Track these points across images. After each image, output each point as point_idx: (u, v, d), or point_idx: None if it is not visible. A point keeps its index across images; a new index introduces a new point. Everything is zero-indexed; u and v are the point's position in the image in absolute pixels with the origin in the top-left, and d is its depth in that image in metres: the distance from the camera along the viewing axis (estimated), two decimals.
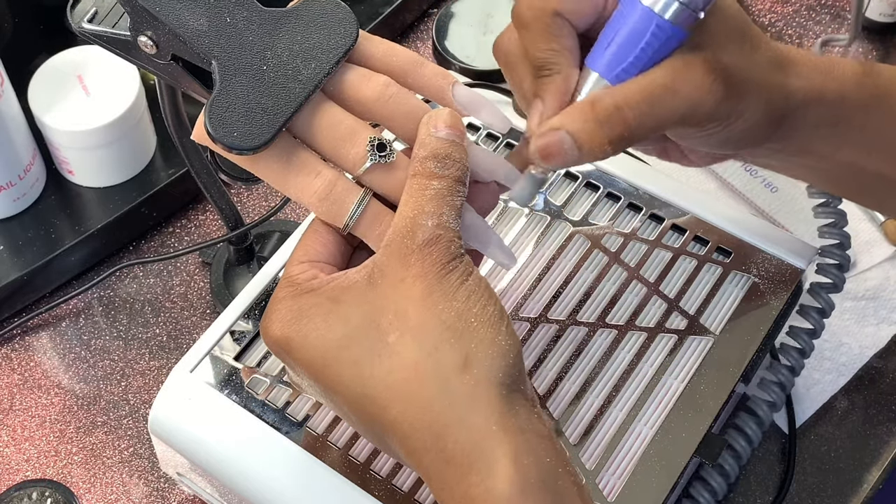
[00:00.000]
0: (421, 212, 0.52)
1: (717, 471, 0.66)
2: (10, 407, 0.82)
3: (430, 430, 0.50)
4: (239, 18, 0.55)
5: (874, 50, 1.00)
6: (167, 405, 0.67)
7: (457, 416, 0.50)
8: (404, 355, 0.51)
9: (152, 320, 0.86)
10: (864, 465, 0.78)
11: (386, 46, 0.57)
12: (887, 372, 0.82)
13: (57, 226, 0.86)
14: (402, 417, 0.51)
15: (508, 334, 0.52)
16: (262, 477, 0.64)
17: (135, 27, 0.55)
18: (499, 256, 0.57)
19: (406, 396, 0.50)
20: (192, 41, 0.54)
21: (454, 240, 0.52)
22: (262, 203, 0.91)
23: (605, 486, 0.63)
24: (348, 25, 0.56)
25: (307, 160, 0.54)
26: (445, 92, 0.57)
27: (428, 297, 0.51)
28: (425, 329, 0.51)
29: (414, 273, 0.51)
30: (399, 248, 0.52)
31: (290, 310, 0.53)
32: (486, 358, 0.50)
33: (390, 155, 0.54)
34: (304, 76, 0.54)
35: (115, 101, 0.84)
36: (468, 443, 0.50)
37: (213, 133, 0.53)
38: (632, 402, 0.66)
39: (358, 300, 0.52)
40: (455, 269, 0.52)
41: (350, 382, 0.51)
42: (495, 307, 0.52)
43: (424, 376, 0.50)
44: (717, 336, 0.69)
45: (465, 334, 0.51)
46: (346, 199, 0.54)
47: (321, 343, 0.52)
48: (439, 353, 0.50)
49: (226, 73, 0.53)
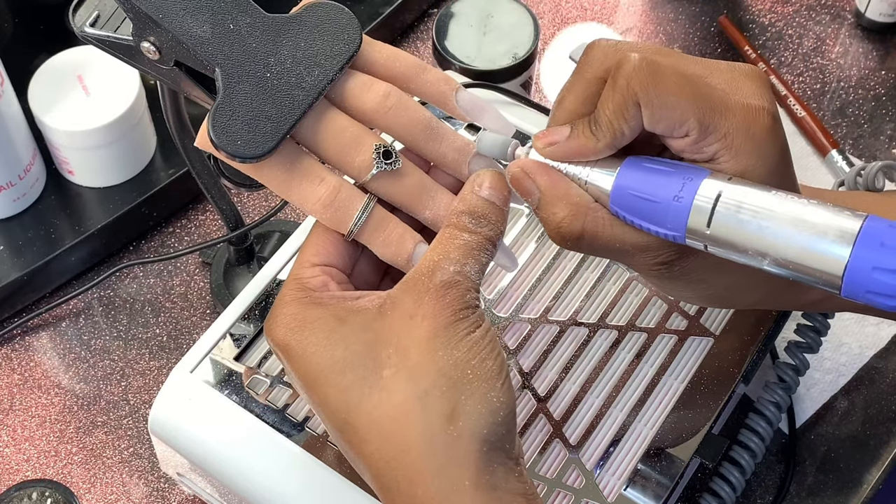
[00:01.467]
0: (446, 257, 0.52)
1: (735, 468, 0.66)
2: (10, 407, 0.82)
3: (404, 473, 0.50)
4: (242, 25, 0.54)
5: (874, 50, 1.00)
6: (167, 405, 0.67)
7: (433, 465, 0.50)
8: (394, 392, 0.50)
9: (152, 320, 0.86)
10: (864, 465, 0.78)
11: (389, 52, 0.57)
12: (887, 372, 0.82)
13: (57, 226, 0.86)
14: (379, 454, 0.51)
15: (503, 392, 0.51)
16: (262, 477, 0.64)
17: (137, 33, 0.55)
18: (501, 259, 0.57)
19: (387, 435, 0.50)
20: (195, 48, 0.54)
21: (471, 290, 0.52)
22: (262, 203, 0.91)
23: (605, 486, 0.63)
24: (351, 31, 0.55)
25: (311, 167, 0.54)
26: (448, 97, 0.56)
27: (432, 340, 0.51)
28: (421, 371, 0.50)
29: (424, 312, 0.51)
30: (416, 285, 0.52)
31: (296, 317, 0.53)
32: (473, 412, 0.50)
33: (396, 162, 0.54)
34: (308, 83, 0.54)
35: (115, 101, 0.84)
36: (439, 493, 0.50)
37: (216, 141, 0.52)
38: (632, 402, 0.66)
39: (363, 327, 0.52)
40: (465, 318, 0.52)
41: (336, 406, 0.51)
42: (495, 361, 0.51)
43: (409, 419, 0.50)
44: (717, 336, 0.69)
45: (459, 385, 0.50)
46: (350, 206, 0.54)
47: (317, 360, 0.52)
48: (429, 399, 0.50)
49: (229, 81, 0.53)
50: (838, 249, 0.47)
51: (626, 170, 0.53)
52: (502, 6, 0.88)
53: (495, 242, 0.54)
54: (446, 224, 0.54)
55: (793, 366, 0.73)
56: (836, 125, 0.96)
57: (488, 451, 0.50)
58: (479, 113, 0.57)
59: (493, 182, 0.55)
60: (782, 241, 0.49)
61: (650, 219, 0.52)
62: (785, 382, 0.72)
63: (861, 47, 1.00)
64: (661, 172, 0.52)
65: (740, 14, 1.02)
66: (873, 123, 0.96)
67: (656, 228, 0.52)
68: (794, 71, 0.99)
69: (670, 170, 0.52)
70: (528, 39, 0.87)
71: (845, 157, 0.92)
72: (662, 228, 0.52)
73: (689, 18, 1.02)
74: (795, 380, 0.73)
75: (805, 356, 0.73)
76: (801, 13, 1.02)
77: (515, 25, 0.88)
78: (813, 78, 0.98)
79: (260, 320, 0.69)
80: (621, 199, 0.53)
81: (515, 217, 0.74)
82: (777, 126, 0.53)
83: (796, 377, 0.73)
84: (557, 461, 0.65)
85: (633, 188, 0.53)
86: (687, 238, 0.52)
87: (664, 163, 0.53)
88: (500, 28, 0.88)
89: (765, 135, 0.52)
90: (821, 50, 1.00)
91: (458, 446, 0.50)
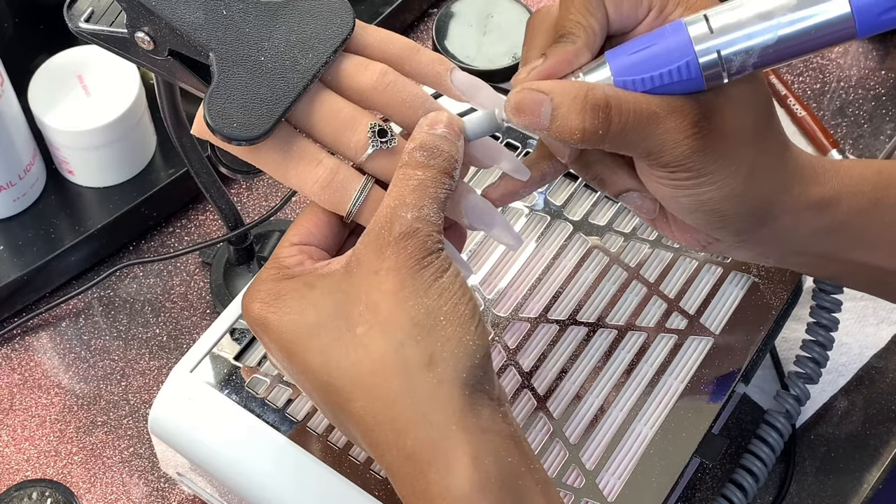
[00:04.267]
0: (402, 203, 0.52)
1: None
2: (10, 407, 0.82)
3: (392, 425, 0.50)
4: (235, 10, 0.55)
5: (874, 50, 1.00)
6: (167, 405, 0.67)
7: (418, 413, 0.50)
8: (371, 349, 0.51)
9: (152, 320, 0.86)
10: (864, 465, 0.78)
11: (382, 34, 0.57)
12: (887, 372, 0.82)
13: (57, 226, 0.86)
14: (365, 411, 0.51)
15: (478, 334, 0.51)
16: (262, 477, 0.64)
17: (131, 23, 0.55)
18: (505, 238, 0.57)
19: (370, 390, 0.51)
20: (189, 34, 0.54)
21: (432, 234, 0.52)
22: (262, 203, 0.91)
23: (605, 486, 0.63)
24: (344, 15, 0.56)
25: (307, 149, 0.54)
26: (443, 78, 0.57)
27: (399, 292, 0.51)
28: (393, 324, 0.51)
29: (388, 266, 0.51)
30: (376, 239, 0.52)
31: (270, 292, 0.53)
32: (451, 357, 0.50)
33: (392, 140, 0.54)
34: (302, 66, 0.54)
35: (115, 101, 0.84)
36: (428, 441, 0.50)
37: (212, 124, 0.53)
38: (632, 402, 0.66)
39: (332, 288, 0.52)
40: (430, 264, 0.51)
41: (317, 370, 0.52)
42: (467, 306, 0.52)
43: (389, 371, 0.50)
44: (717, 336, 0.69)
45: (433, 332, 0.51)
46: (348, 187, 0.54)
47: (293, 328, 0.52)
48: (405, 350, 0.50)
49: (224, 65, 0.54)
50: None
51: (613, 62, 0.53)
52: (502, 6, 0.89)
53: (451, 174, 0.54)
54: (400, 164, 0.54)
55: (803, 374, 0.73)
56: (836, 125, 0.96)
57: (470, 394, 0.51)
58: (475, 92, 0.57)
59: (445, 121, 0.54)
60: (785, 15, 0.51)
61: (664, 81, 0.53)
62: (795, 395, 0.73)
63: (861, 47, 1.00)
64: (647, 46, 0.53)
65: None
66: (873, 123, 0.96)
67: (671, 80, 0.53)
68: (794, 71, 0.99)
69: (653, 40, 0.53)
70: None
71: (845, 156, 0.92)
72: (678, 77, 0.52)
73: None
74: (806, 392, 0.73)
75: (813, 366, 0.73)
76: None
77: (515, 25, 0.88)
78: (813, 78, 0.98)
79: None
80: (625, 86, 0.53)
81: (515, 217, 0.74)
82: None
83: (806, 390, 0.73)
84: (557, 461, 0.65)
85: (632, 72, 0.53)
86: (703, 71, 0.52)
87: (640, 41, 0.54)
88: (500, 28, 0.88)
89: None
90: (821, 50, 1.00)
91: (441, 392, 0.50)
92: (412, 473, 0.50)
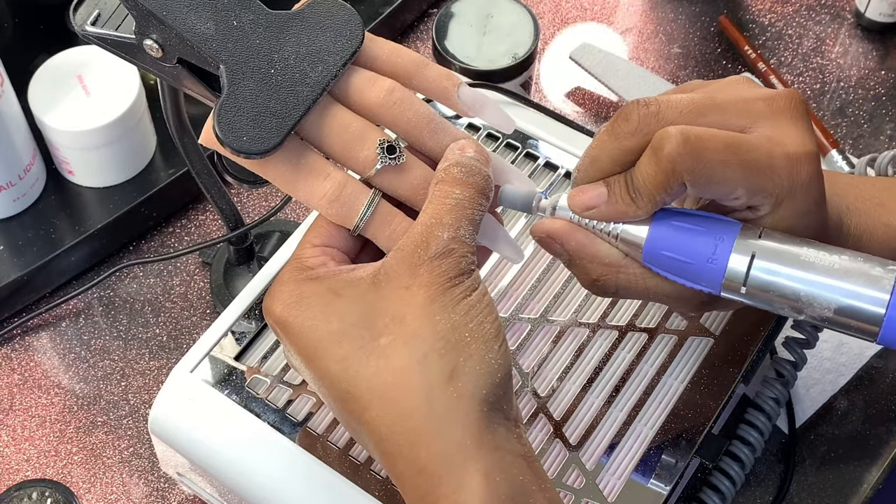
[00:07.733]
0: (439, 222, 0.53)
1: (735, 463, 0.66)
2: (10, 407, 0.82)
3: (406, 436, 0.50)
4: (245, 22, 0.54)
5: (874, 50, 1.00)
6: (167, 405, 0.67)
7: (434, 426, 0.50)
8: (393, 359, 0.51)
9: (152, 320, 0.86)
10: (864, 465, 0.78)
11: (391, 48, 0.57)
12: (887, 372, 0.82)
13: (57, 226, 0.86)
14: (381, 420, 0.51)
15: (500, 354, 0.52)
16: (262, 477, 0.64)
17: (140, 30, 0.55)
18: (507, 252, 0.57)
19: (388, 400, 0.51)
20: (199, 45, 0.54)
21: (467, 255, 0.53)
22: (262, 203, 0.91)
23: (605, 486, 0.63)
24: (354, 27, 0.56)
25: (316, 163, 0.55)
26: (450, 93, 0.57)
27: (428, 306, 0.51)
28: (419, 336, 0.51)
29: (419, 283, 0.52)
30: (411, 255, 0.52)
31: (293, 293, 0.53)
32: (472, 373, 0.51)
33: (400, 157, 0.55)
34: (312, 79, 0.54)
35: (115, 101, 0.84)
36: (442, 454, 0.50)
37: (222, 137, 0.53)
38: (632, 402, 0.66)
39: (358, 298, 0.52)
40: (461, 283, 0.52)
41: (336, 377, 0.52)
42: (492, 325, 0.52)
43: (409, 383, 0.50)
44: (717, 336, 0.69)
45: (457, 347, 0.51)
46: (355, 201, 0.55)
47: (315, 333, 0.52)
48: (428, 362, 0.50)
49: (234, 77, 0.53)
50: (874, 307, 0.51)
51: (657, 227, 0.54)
52: (502, 6, 0.88)
53: (487, 195, 0.54)
54: (436, 181, 0.54)
55: (791, 361, 0.73)
56: (836, 125, 0.96)
57: (488, 411, 0.51)
58: (481, 108, 0.57)
59: (476, 147, 0.56)
60: (817, 300, 0.52)
61: (685, 276, 0.54)
62: (783, 377, 0.72)
63: (861, 47, 1.00)
64: (693, 232, 0.54)
65: (740, 14, 1.02)
66: (873, 123, 0.96)
67: (691, 284, 0.54)
68: (794, 71, 0.99)
69: (701, 229, 0.54)
70: (528, 39, 0.87)
71: (845, 156, 0.92)
72: (697, 285, 0.54)
73: (689, 18, 1.02)
74: (793, 374, 0.73)
75: (803, 351, 0.73)
76: (801, 13, 1.02)
77: (515, 25, 0.88)
78: (813, 78, 0.98)
79: (260, 320, 0.69)
80: (654, 257, 0.54)
81: (515, 217, 0.74)
82: (817, 169, 0.54)
83: (794, 371, 0.73)
84: (557, 461, 0.65)
85: (665, 248, 0.54)
86: (723, 293, 0.54)
87: (694, 219, 0.54)
88: (500, 28, 0.88)
89: (806, 182, 0.54)
90: (820, 50, 1.00)
91: (459, 407, 0.50)
92: (423, 486, 0.50)
